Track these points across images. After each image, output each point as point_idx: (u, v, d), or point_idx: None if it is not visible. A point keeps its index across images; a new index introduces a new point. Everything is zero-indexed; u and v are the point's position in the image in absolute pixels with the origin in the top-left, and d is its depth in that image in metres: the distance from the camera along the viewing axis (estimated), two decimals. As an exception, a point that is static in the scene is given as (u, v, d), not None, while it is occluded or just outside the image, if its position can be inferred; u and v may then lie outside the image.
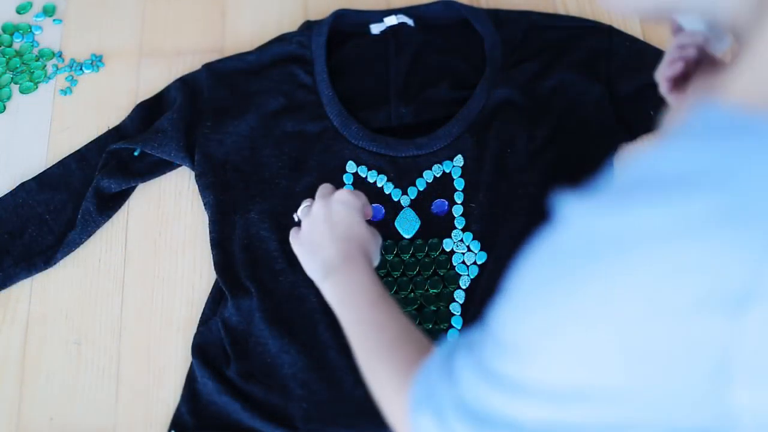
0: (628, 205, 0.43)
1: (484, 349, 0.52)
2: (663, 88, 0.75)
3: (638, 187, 0.43)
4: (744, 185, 0.41)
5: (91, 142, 1.04)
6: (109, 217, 1.00)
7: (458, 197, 0.96)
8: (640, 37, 1.07)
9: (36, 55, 1.12)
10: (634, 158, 0.45)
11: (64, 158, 1.03)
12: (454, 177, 0.97)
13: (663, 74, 0.74)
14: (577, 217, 0.45)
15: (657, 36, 1.07)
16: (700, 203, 0.41)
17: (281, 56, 1.06)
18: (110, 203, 1.00)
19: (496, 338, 0.51)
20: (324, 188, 0.87)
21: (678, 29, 0.73)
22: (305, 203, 0.87)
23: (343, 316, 0.76)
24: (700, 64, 0.73)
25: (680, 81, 0.74)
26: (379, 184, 0.98)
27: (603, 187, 0.45)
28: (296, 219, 0.87)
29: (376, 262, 0.83)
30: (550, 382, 0.47)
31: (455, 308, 0.91)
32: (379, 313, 0.73)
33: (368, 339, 0.72)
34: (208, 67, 1.06)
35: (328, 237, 0.81)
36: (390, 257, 0.94)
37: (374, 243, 0.83)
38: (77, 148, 1.04)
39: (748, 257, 0.40)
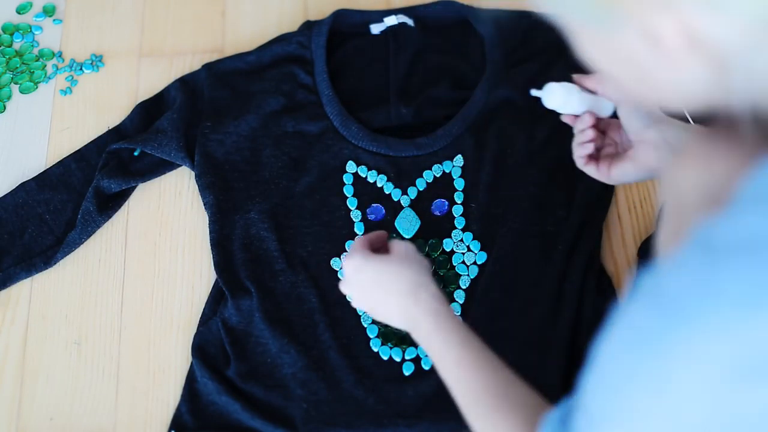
0: (709, 274, 0.43)
1: (578, 419, 0.54)
2: (579, 164, 0.86)
3: (713, 254, 0.44)
4: None
5: (90, 142, 1.04)
6: (109, 217, 1.00)
7: (458, 197, 0.96)
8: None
9: (36, 55, 1.12)
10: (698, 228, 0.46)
11: (64, 158, 1.03)
12: (454, 177, 0.97)
13: (576, 156, 0.86)
14: (653, 289, 0.46)
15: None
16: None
17: (281, 56, 1.06)
18: (110, 203, 1.00)
19: (585, 408, 0.52)
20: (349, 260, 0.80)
21: (573, 117, 0.86)
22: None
23: (438, 365, 0.74)
24: (606, 133, 0.86)
25: (592, 154, 0.86)
26: (379, 184, 0.98)
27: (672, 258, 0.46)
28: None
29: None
30: None
31: (455, 308, 0.91)
32: (474, 367, 0.71)
33: (468, 393, 0.71)
34: (208, 67, 1.06)
35: (389, 303, 0.77)
36: (390, 257, 0.94)
37: (424, 267, 0.78)
38: (77, 148, 1.04)
39: None
